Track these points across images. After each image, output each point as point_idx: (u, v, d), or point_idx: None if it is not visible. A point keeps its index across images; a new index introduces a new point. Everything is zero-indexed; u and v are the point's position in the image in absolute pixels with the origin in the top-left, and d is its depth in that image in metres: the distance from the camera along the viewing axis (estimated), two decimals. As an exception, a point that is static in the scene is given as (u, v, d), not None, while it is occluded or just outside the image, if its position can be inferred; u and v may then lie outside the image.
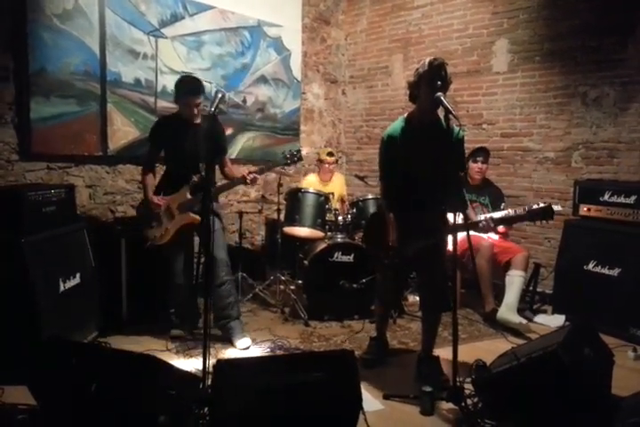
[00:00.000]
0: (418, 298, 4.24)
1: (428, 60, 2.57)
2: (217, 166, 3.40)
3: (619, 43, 3.91)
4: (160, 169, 3.46)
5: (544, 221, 2.62)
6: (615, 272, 3.52)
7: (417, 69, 2.61)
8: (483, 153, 4.03)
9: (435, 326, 2.89)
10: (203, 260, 2.84)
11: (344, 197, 4.75)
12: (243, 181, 3.15)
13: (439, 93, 2.44)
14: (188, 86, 3.17)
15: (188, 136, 3.19)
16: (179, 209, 3.18)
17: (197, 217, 3.16)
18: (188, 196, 3.16)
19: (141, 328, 3.40)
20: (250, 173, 3.12)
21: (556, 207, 3.60)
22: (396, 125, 2.74)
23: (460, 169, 2.86)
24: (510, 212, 3.77)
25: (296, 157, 3.24)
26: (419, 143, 2.64)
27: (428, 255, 2.72)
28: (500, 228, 3.94)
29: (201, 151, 3.14)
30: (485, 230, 2.72)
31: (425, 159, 2.61)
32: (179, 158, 3.22)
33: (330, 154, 4.57)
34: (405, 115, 2.77)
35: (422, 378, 2.76)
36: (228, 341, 3.23)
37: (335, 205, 4.38)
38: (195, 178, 3.15)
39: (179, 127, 3.21)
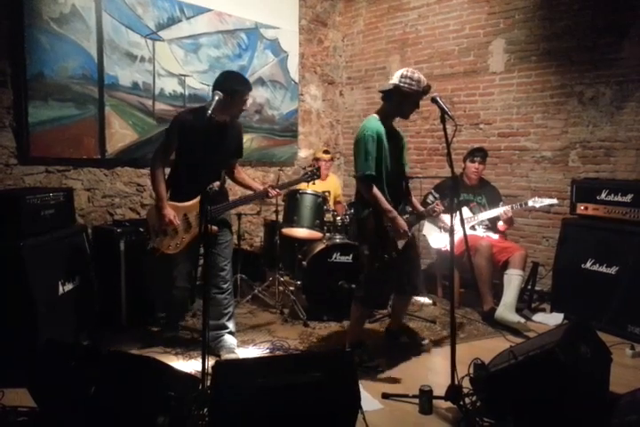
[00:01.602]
0: (416, 298, 4.27)
1: (423, 79, 2.77)
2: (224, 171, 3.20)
3: (614, 42, 3.92)
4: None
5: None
6: (613, 270, 3.53)
7: (412, 82, 2.74)
8: (480, 153, 4.04)
9: (406, 307, 3.43)
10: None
11: (340, 197, 4.77)
12: (264, 194, 3.08)
13: (435, 94, 2.58)
14: (244, 81, 2.96)
15: (218, 141, 2.93)
16: (197, 219, 2.93)
17: (215, 228, 2.93)
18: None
19: (140, 330, 3.41)
20: (273, 186, 3.08)
21: (553, 201, 3.65)
22: (378, 124, 2.86)
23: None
24: (507, 208, 3.82)
25: (316, 175, 3.34)
26: (390, 143, 2.88)
27: (408, 247, 2.96)
28: (500, 225, 3.98)
29: (225, 158, 3.05)
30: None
31: (392, 158, 2.89)
32: (200, 162, 2.72)
33: (325, 152, 4.68)
34: (377, 115, 2.91)
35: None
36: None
37: (331, 205, 4.39)
38: (215, 187, 2.73)
39: (208, 126, 2.70)
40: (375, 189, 2.80)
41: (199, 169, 2.79)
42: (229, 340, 3.07)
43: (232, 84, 2.89)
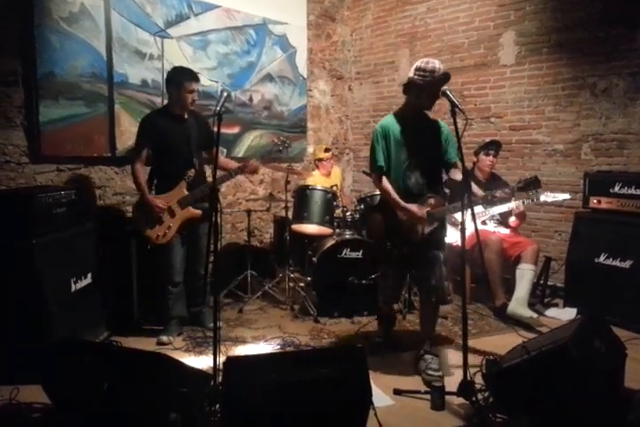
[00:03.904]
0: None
1: (438, 68, 2.69)
2: (205, 162, 3.41)
3: (626, 33, 3.86)
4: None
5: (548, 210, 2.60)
6: (627, 264, 3.49)
7: (425, 73, 2.70)
8: (495, 146, 4.00)
9: (430, 318, 2.97)
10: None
11: (341, 183, 4.76)
12: (243, 168, 3.19)
13: (445, 87, 2.56)
14: (189, 72, 3.20)
15: (180, 131, 3.21)
16: (179, 206, 3.20)
17: (198, 211, 3.21)
18: (185, 191, 3.19)
19: (152, 327, 3.43)
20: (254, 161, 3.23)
21: (566, 196, 3.59)
22: (388, 121, 2.91)
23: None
24: (519, 202, 3.76)
25: (286, 144, 3.35)
26: (413, 135, 2.85)
27: (427, 248, 2.84)
28: (512, 221, 3.93)
29: (193, 147, 3.22)
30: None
31: (417, 149, 2.83)
32: (172, 154, 3.20)
33: (326, 150, 4.67)
34: (397, 111, 2.95)
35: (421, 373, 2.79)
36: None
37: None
38: (190, 173, 3.20)
39: (171, 122, 3.21)
40: (385, 182, 2.84)
41: (170, 162, 3.20)
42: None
43: (175, 78, 3.17)
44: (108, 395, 1.93)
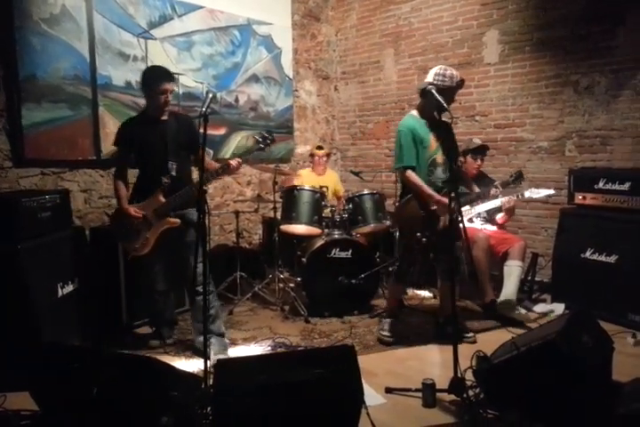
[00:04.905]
0: (417, 292, 4.29)
1: (456, 74, 3.02)
2: (193, 164, 3.19)
3: (608, 30, 3.91)
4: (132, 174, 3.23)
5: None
6: (612, 259, 3.52)
7: (445, 79, 2.97)
8: (483, 151, 4.02)
9: (448, 298, 3.10)
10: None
11: (340, 192, 4.76)
12: (227, 168, 2.96)
13: (430, 86, 2.74)
14: (161, 72, 3.02)
15: (155, 134, 3.01)
16: (155, 215, 2.99)
17: (177, 220, 2.99)
18: (162, 199, 2.97)
19: (141, 331, 3.41)
20: (236, 160, 2.98)
21: (550, 191, 3.61)
22: (411, 121, 3.13)
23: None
24: (504, 199, 3.78)
25: (269, 139, 3.10)
26: (434, 134, 3.12)
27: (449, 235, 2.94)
28: (499, 218, 3.96)
29: (170, 149, 3.00)
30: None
31: (442, 147, 3.12)
32: (147, 159, 3.03)
33: (319, 147, 4.71)
34: (416, 111, 3.17)
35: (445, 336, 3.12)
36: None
37: (331, 200, 4.39)
38: (165, 179, 2.97)
39: (145, 125, 3.02)
40: (415, 178, 3.04)
41: (147, 167, 3.07)
42: (217, 343, 3.02)
43: (146, 78, 3.02)
44: (97, 400, 1.91)
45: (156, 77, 2.98)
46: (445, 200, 2.89)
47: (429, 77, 3.01)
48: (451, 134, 3.16)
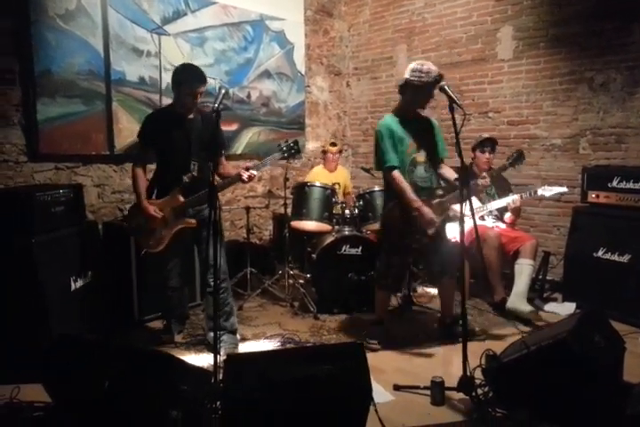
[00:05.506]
0: (427, 289, 4.27)
1: (434, 69, 2.87)
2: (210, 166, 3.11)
3: (623, 27, 3.85)
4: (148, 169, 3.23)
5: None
6: (625, 259, 3.49)
7: (422, 74, 2.86)
8: (490, 143, 3.99)
9: (448, 297, 3.28)
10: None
11: (349, 188, 4.76)
12: (238, 179, 2.92)
13: (443, 82, 2.68)
14: (194, 73, 2.95)
15: (180, 132, 2.98)
16: (173, 214, 2.98)
17: (193, 221, 2.99)
18: (181, 199, 2.96)
19: (153, 325, 3.44)
20: (247, 168, 2.91)
21: (563, 189, 3.59)
22: (389, 120, 3.06)
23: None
24: (516, 197, 3.75)
25: (293, 150, 2.99)
26: (414, 133, 3.05)
27: (435, 238, 3.06)
28: (507, 218, 3.93)
29: (194, 149, 2.97)
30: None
31: (422, 146, 3.07)
32: (169, 157, 3.00)
33: (332, 144, 4.74)
34: (394, 111, 3.10)
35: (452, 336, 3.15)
36: None
37: (340, 197, 4.40)
38: (185, 178, 2.95)
39: (172, 122, 2.98)
40: (399, 180, 2.97)
41: (169, 164, 3.02)
42: (229, 340, 3.05)
43: (176, 76, 2.98)
44: (109, 393, 1.93)
45: (189, 78, 2.92)
46: (424, 210, 2.90)
47: (406, 74, 2.94)
48: (433, 131, 3.12)
